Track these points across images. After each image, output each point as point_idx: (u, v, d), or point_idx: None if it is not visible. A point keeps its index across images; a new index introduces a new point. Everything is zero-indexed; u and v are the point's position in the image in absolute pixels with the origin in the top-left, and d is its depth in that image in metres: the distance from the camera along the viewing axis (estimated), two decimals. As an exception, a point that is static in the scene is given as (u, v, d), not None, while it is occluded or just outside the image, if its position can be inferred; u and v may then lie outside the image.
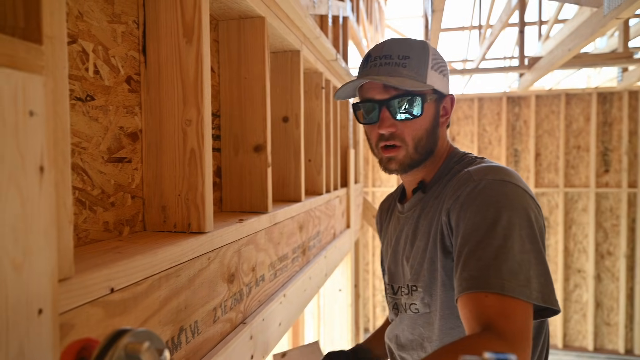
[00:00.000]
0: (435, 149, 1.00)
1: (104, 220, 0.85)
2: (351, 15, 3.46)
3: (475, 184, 0.84)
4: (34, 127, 0.51)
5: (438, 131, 1.00)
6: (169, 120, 0.98)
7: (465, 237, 0.80)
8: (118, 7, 0.92)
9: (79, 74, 0.80)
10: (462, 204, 0.84)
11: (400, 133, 0.96)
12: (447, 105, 1.02)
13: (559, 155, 6.25)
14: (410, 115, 0.94)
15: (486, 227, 0.78)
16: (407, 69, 0.94)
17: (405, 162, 0.98)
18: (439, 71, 0.98)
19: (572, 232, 6.33)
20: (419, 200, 1.02)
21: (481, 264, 0.75)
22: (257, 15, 1.31)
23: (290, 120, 1.74)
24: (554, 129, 6.32)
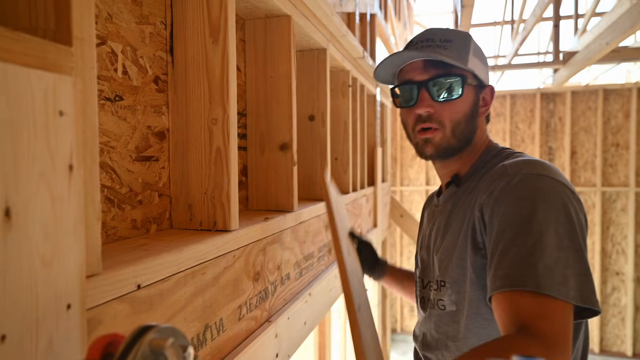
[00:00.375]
0: (472, 139, 0.97)
1: (131, 218, 0.87)
2: (379, 12, 3.43)
3: (510, 178, 0.81)
4: (64, 127, 0.52)
5: (477, 121, 0.97)
6: (195, 119, 0.99)
7: (499, 234, 0.77)
8: (146, 8, 0.93)
9: (108, 75, 0.82)
10: (496, 198, 0.81)
11: (438, 115, 0.93)
12: (487, 96, 1.00)
13: (596, 153, 6.01)
14: (450, 96, 0.92)
15: (521, 222, 0.74)
16: (448, 51, 0.92)
17: (442, 146, 0.95)
18: (480, 60, 0.96)
19: (610, 233, 6.09)
20: (452, 195, 0.99)
21: (515, 261, 0.72)
22: (284, 14, 1.31)
23: (316, 118, 1.74)
24: (591, 126, 6.07)
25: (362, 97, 2.54)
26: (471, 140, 0.97)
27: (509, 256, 0.73)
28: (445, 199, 1.02)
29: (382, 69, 1.00)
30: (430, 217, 1.09)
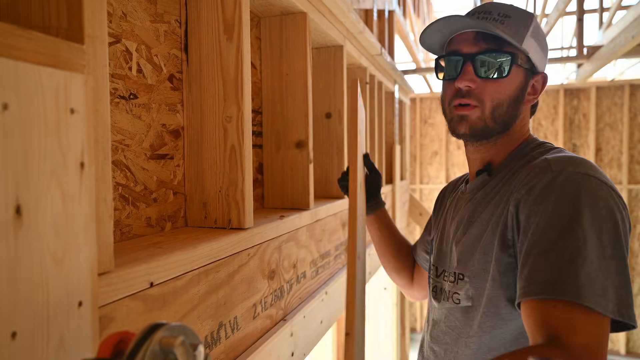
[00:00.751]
0: (512, 125, 0.89)
1: (146, 215, 0.87)
2: (397, 9, 3.39)
3: (554, 175, 0.74)
4: (75, 125, 0.52)
5: (521, 107, 0.89)
6: (210, 117, 0.99)
7: (537, 235, 0.72)
8: (161, 6, 0.93)
9: (122, 73, 0.82)
10: (536, 196, 0.75)
11: (479, 92, 0.86)
12: (538, 84, 0.91)
13: (622, 150, 5.85)
14: (496, 74, 0.85)
15: (563, 225, 0.69)
16: (504, 26, 0.85)
17: (477, 126, 0.87)
18: (538, 43, 0.88)
19: (637, 232, 5.93)
20: (483, 184, 0.92)
21: (556, 266, 0.67)
22: (299, 11, 1.30)
23: (333, 116, 1.73)
24: (617, 122, 5.91)
25: (380, 95, 2.51)
26: (510, 127, 0.89)
27: (548, 261, 0.68)
28: (474, 188, 0.94)
29: (430, 36, 0.93)
30: (453, 204, 1.02)
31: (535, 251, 0.71)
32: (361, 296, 0.98)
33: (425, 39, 0.95)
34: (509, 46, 0.84)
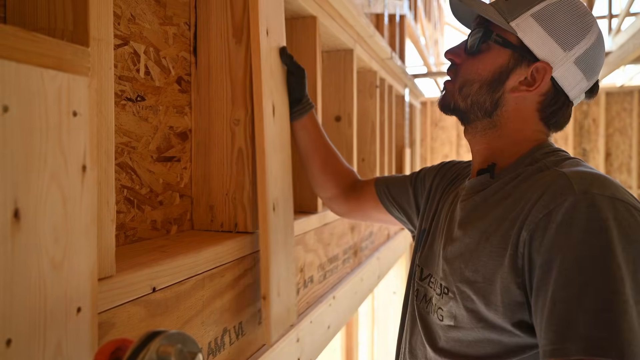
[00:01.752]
0: (492, 114, 0.79)
1: (152, 218, 0.86)
2: (408, 13, 3.37)
3: (577, 199, 0.62)
4: (77, 127, 0.51)
5: (501, 94, 0.78)
6: (217, 119, 0.98)
7: (564, 277, 0.60)
8: (170, 9, 0.93)
9: (130, 75, 0.82)
10: (559, 224, 0.63)
11: (458, 67, 0.82)
12: (538, 75, 0.75)
13: (632, 155, 5.86)
14: (469, 49, 0.80)
15: (595, 264, 0.59)
16: (505, 3, 0.77)
17: (447, 100, 0.83)
18: (545, 27, 0.74)
19: None
20: (483, 186, 0.80)
21: (590, 318, 0.57)
22: (309, 14, 1.29)
23: (342, 119, 1.71)
24: (626, 127, 5.93)
25: (390, 98, 2.50)
26: (490, 114, 0.79)
27: (582, 309, 0.58)
28: (473, 187, 0.82)
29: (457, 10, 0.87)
30: (450, 199, 0.89)
31: (563, 296, 0.60)
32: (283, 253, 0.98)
33: (456, 11, 0.88)
34: (494, 25, 0.77)
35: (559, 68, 0.74)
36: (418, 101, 3.73)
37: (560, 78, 0.75)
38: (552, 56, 0.75)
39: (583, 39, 0.74)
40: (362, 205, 1.18)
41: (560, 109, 0.78)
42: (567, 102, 0.78)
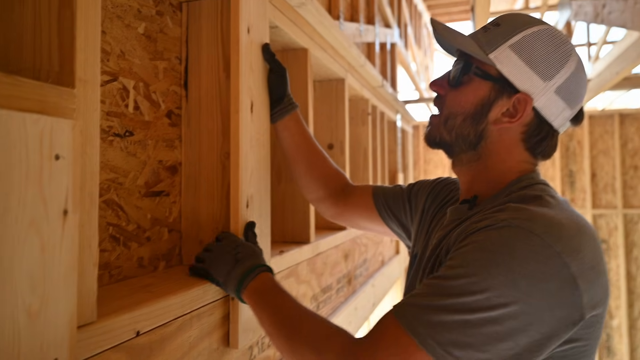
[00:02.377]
0: (477, 146, 0.79)
1: (138, 256, 0.85)
2: (399, 41, 3.43)
3: (494, 222, 0.65)
4: (59, 171, 0.50)
5: (485, 126, 0.78)
6: (208, 153, 0.98)
7: (439, 272, 0.66)
8: (161, 44, 0.94)
9: (118, 111, 0.81)
10: (466, 235, 0.68)
11: (443, 99, 0.82)
12: (520, 106, 0.75)
13: (616, 175, 6.11)
14: (452, 82, 0.80)
15: (453, 278, 0.62)
16: (485, 34, 0.77)
17: (432, 133, 0.83)
18: (523, 58, 0.74)
19: (634, 256, 6.08)
20: (460, 216, 0.81)
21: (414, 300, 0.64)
22: (300, 47, 1.30)
23: (335, 147, 1.72)
24: (609, 149, 6.17)
25: (382, 125, 2.51)
26: (474, 146, 0.79)
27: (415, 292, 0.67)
28: (452, 217, 0.83)
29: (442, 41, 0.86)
30: (437, 221, 0.91)
31: (429, 282, 0.66)
32: None
33: (441, 43, 0.87)
34: (471, 56, 0.77)
35: (540, 98, 0.74)
36: (410, 126, 3.76)
37: (542, 108, 0.75)
38: (532, 87, 0.74)
39: (563, 68, 0.74)
40: (352, 212, 1.14)
41: (545, 138, 0.78)
42: (551, 131, 0.78)
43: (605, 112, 6.10)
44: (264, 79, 1.04)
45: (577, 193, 6.29)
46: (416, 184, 1.07)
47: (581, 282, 0.59)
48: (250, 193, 0.96)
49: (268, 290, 0.81)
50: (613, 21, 2.38)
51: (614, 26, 2.49)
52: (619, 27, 2.35)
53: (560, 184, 6.34)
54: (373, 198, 1.11)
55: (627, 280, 6.02)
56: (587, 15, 2.96)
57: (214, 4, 0.97)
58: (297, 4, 1.19)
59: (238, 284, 0.81)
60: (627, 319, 6.00)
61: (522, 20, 0.77)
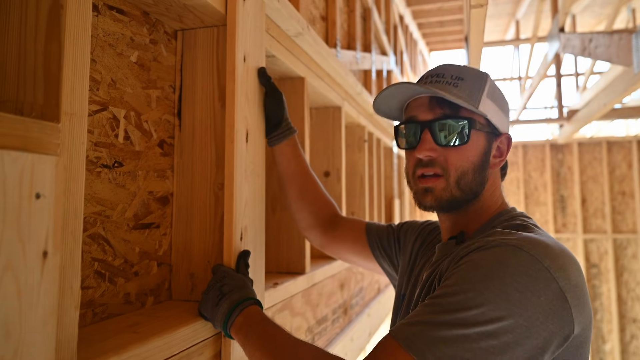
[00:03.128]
0: (480, 193, 0.83)
1: (125, 292, 0.81)
2: (395, 69, 3.46)
3: (485, 243, 0.68)
4: (40, 210, 0.48)
5: (487, 172, 0.83)
6: (201, 183, 0.95)
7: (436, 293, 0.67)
8: (154, 73, 0.92)
9: (107, 141, 0.79)
10: (459, 258, 0.71)
11: (442, 161, 0.80)
12: (503, 145, 0.85)
13: (605, 201, 6.24)
14: (455, 141, 0.79)
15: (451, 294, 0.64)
16: (458, 89, 0.80)
17: (444, 197, 0.80)
18: (496, 103, 0.83)
19: (624, 280, 6.12)
20: (448, 251, 0.83)
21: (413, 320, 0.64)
22: (297, 76, 1.30)
23: (331, 174, 1.70)
24: (598, 175, 6.36)
25: (379, 151, 2.50)
26: (479, 194, 0.83)
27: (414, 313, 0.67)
28: (442, 252, 0.85)
29: (384, 101, 0.87)
30: (424, 262, 0.92)
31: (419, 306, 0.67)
32: None
33: (379, 106, 0.89)
34: (465, 110, 0.79)
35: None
36: (407, 152, 3.76)
37: None
38: (506, 126, 0.86)
39: (506, 102, 0.88)
40: (341, 244, 1.13)
41: (506, 164, 0.90)
42: None
43: (594, 140, 6.27)
44: (260, 106, 1.03)
45: (569, 218, 6.39)
46: (405, 224, 1.09)
47: (569, 298, 0.62)
48: (244, 224, 0.94)
49: (256, 324, 0.77)
50: (599, 55, 2.43)
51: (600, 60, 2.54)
52: (605, 61, 2.40)
53: (552, 209, 6.42)
54: (366, 235, 1.11)
55: (618, 305, 6.10)
56: (574, 49, 3.02)
57: (211, 33, 0.97)
58: (295, 34, 1.18)
59: (224, 319, 0.79)
60: (619, 343, 6.04)
61: (474, 70, 0.85)
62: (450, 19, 5.21)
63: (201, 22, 0.96)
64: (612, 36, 2.13)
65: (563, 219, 6.42)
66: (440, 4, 4.54)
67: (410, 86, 0.81)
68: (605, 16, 5.26)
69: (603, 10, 5.12)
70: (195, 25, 0.97)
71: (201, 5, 0.88)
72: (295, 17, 1.13)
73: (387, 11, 3.36)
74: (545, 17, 5.06)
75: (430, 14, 4.90)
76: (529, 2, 4.78)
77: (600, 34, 2.39)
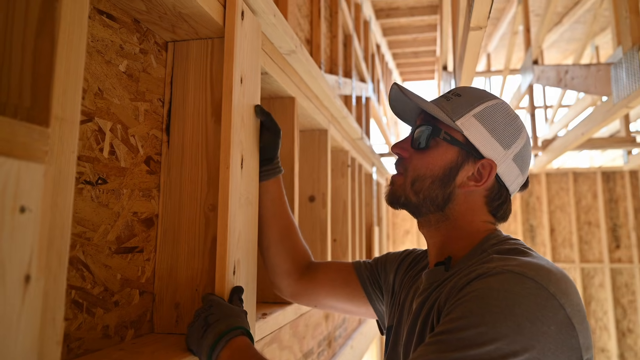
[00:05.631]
0: (443, 208, 0.81)
1: (103, 324, 0.72)
2: (373, 96, 3.49)
3: (487, 270, 0.65)
4: (24, 226, 0.40)
5: (451, 188, 0.80)
6: (190, 204, 0.88)
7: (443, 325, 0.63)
8: (143, 84, 0.86)
9: (91, 155, 0.71)
10: (460, 288, 0.67)
11: (407, 161, 0.83)
12: (484, 171, 0.80)
13: (572, 230, 6.48)
14: (418, 145, 0.82)
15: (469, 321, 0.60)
16: (448, 103, 0.82)
17: (397, 194, 0.83)
18: (486, 127, 0.80)
19: (592, 309, 6.29)
20: (440, 280, 0.79)
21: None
22: (288, 95, 1.26)
23: (316, 199, 1.64)
24: (565, 205, 6.50)
25: (360, 177, 2.48)
26: (443, 208, 0.81)
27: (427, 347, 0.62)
28: (430, 281, 0.82)
29: (400, 108, 0.90)
30: (411, 293, 0.88)
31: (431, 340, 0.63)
32: None
33: (396, 108, 0.91)
34: (442, 123, 0.80)
35: (501, 164, 0.80)
36: (384, 179, 3.76)
37: (502, 174, 0.80)
38: (495, 154, 0.80)
39: (518, 139, 0.81)
40: (319, 288, 1.05)
41: (504, 202, 0.83)
42: (508, 196, 0.83)
43: (561, 170, 6.51)
44: (255, 134, 0.98)
45: (538, 247, 6.53)
46: (381, 258, 1.06)
47: (576, 323, 0.60)
48: (237, 258, 0.86)
49: (243, 357, 0.70)
50: (576, 86, 2.53)
51: (576, 91, 2.64)
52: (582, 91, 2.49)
53: (522, 238, 6.54)
54: (357, 274, 1.04)
55: (587, 334, 6.21)
56: (549, 80, 3.13)
57: (204, 45, 0.92)
58: (287, 52, 1.15)
59: (209, 352, 0.71)
60: (589, 374, 6.11)
61: (481, 93, 0.84)
62: (424, 50, 5.37)
63: (195, 34, 0.91)
64: (589, 68, 2.22)
65: (533, 247, 6.56)
66: (415, 34, 4.67)
67: (400, 94, 0.84)
68: (570, 52, 5.56)
69: (569, 46, 5.41)
70: (188, 37, 0.92)
71: (198, 15, 0.83)
72: (290, 34, 1.10)
73: (365, 39, 3.41)
74: (517, 50, 5.29)
75: (406, 44, 5.04)
76: (500, 36, 4.99)
77: (576, 65, 2.50)
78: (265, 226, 1.03)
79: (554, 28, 4.70)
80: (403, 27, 4.61)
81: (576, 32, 4.99)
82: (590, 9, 4.27)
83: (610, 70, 1.93)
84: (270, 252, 1.04)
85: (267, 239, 1.03)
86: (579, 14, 4.38)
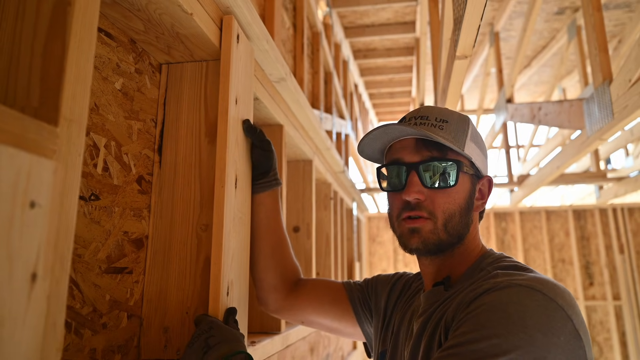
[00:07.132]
0: (465, 236, 0.81)
1: (91, 346, 0.68)
2: (351, 133, 3.57)
3: (494, 285, 0.66)
4: (34, 222, 0.39)
5: (471, 215, 0.82)
6: (181, 225, 0.86)
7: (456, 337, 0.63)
8: (137, 104, 0.86)
9: (86, 170, 0.70)
10: (468, 303, 0.66)
11: (429, 204, 0.78)
12: (485, 188, 0.86)
13: (547, 268, 6.56)
14: (443, 183, 0.78)
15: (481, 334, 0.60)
16: (444, 132, 0.79)
17: (431, 240, 0.78)
18: (478, 146, 0.84)
19: None
20: (440, 300, 0.79)
21: None
22: (277, 123, 1.27)
23: (301, 230, 1.63)
24: (539, 243, 6.62)
25: (342, 211, 2.48)
26: (464, 237, 0.81)
27: None
28: (428, 300, 0.81)
29: (368, 144, 0.86)
30: (407, 317, 0.87)
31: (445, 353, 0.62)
32: None
33: (363, 148, 0.88)
34: (452, 153, 0.79)
35: (487, 171, 0.88)
36: (364, 215, 3.78)
37: None
38: (486, 168, 0.87)
39: (482, 137, 0.88)
40: (306, 305, 1.03)
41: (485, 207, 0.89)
42: None
43: (534, 209, 6.64)
44: (247, 154, 0.98)
45: (515, 285, 6.58)
46: (372, 280, 1.05)
47: (582, 335, 0.61)
48: (230, 278, 0.85)
49: None
50: (550, 122, 2.65)
51: (551, 126, 2.76)
52: (556, 126, 2.61)
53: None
54: (347, 293, 1.03)
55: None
56: (523, 117, 3.27)
57: (199, 67, 0.93)
58: (277, 79, 1.18)
59: None
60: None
61: (456, 114, 0.85)
62: (400, 91, 5.56)
63: (190, 56, 0.92)
64: (562, 104, 2.35)
65: (510, 285, 6.60)
66: (391, 75, 4.85)
67: (398, 127, 0.80)
68: (539, 93, 5.87)
69: (537, 88, 5.71)
70: (182, 59, 0.94)
71: (195, 36, 0.85)
72: (280, 61, 1.13)
73: (344, 78, 3.52)
74: (489, 91, 5.54)
75: (382, 84, 5.21)
76: (472, 77, 5.23)
77: (549, 102, 2.63)
78: (257, 239, 1.01)
79: (523, 70, 4.96)
80: (380, 68, 4.79)
81: (544, 75, 5.28)
82: (557, 52, 4.54)
83: (583, 105, 2.05)
84: (259, 266, 1.01)
85: (259, 253, 1.01)
86: (546, 58, 4.65)
